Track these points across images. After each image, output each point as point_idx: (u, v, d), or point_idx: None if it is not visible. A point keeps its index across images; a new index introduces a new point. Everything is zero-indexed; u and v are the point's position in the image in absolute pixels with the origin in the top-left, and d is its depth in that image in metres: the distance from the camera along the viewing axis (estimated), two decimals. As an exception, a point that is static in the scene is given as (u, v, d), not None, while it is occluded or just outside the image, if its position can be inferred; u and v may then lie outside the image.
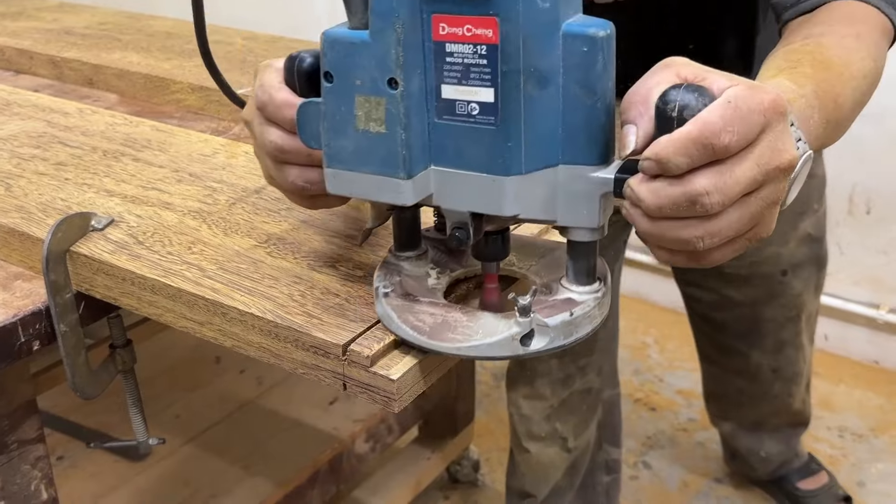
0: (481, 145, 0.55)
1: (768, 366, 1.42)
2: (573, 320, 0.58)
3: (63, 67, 1.35)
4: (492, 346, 0.58)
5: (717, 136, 0.49)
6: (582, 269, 0.60)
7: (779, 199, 0.53)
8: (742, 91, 0.51)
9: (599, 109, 0.54)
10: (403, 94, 0.54)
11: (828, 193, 2.00)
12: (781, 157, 0.52)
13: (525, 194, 0.56)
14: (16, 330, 0.73)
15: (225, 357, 1.67)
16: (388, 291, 0.63)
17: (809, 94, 0.64)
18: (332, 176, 0.59)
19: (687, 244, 0.52)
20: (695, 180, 0.50)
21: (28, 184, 0.88)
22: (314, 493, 1.37)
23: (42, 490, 0.87)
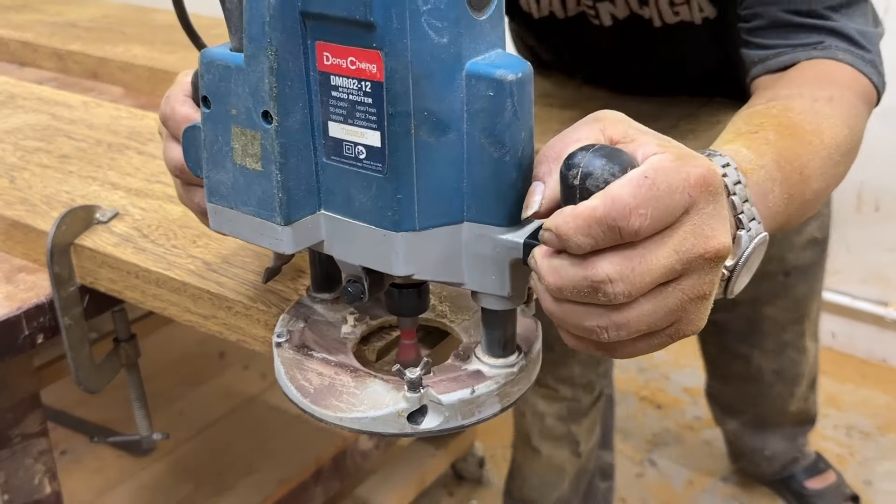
0: (369, 194, 0.48)
1: (769, 368, 1.41)
2: (474, 399, 0.50)
3: (67, 60, 1.34)
4: (375, 421, 0.50)
5: (626, 217, 0.41)
6: (495, 339, 0.52)
7: (706, 293, 0.44)
8: (665, 163, 0.42)
9: (509, 164, 0.46)
10: (278, 129, 0.47)
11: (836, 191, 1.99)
12: (707, 243, 0.43)
13: (420, 253, 0.48)
14: (19, 323, 0.72)
15: (229, 352, 1.66)
16: (280, 342, 0.56)
17: (770, 165, 0.57)
18: (214, 212, 0.52)
19: (590, 333, 0.45)
20: (598, 264, 0.42)
21: (32, 176, 0.88)
22: (318, 490, 1.36)
23: (45, 484, 0.87)
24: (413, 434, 0.51)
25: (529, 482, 1.34)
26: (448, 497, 1.71)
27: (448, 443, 1.63)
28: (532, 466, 1.33)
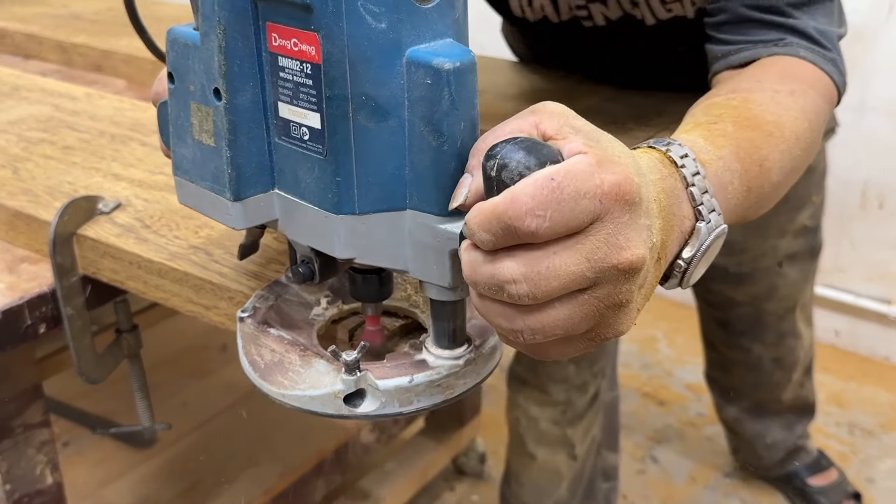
0: (313, 175, 0.48)
1: (769, 357, 1.43)
2: (412, 387, 0.50)
3: (71, 53, 1.34)
4: (313, 400, 0.50)
5: (521, 218, 0.40)
6: (441, 330, 0.51)
7: (623, 301, 0.43)
8: (579, 167, 0.41)
9: (447, 153, 0.46)
10: (227, 107, 0.48)
11: (840, 188, 1.99)
12: (620, 255, 0.41)
13: (361, 237, 0.48)
14: (22, 312, 0.72)
15: (231, 345, 1.67)
16: (244, 316, 0.57)
17: (728, 157, 0.56)
18: (179, 185, 0.54)
19: (509, 334, 0.44)
20: (503, 262, 0.41)
21: (35, 167, 0.88)
22: (319, 483, 1.36)
23: (47, 475, 0.87)
24: (349, 416, 0.51)
25: (526, 488, 1.32)
26: (449, 492, 1.71)
27: (449, 438, 1.63)
28: (528, 472, 1.31)
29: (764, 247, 1.29)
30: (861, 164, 1.97)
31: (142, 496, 1.31)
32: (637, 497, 1.69)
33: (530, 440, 1.30)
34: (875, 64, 1.89)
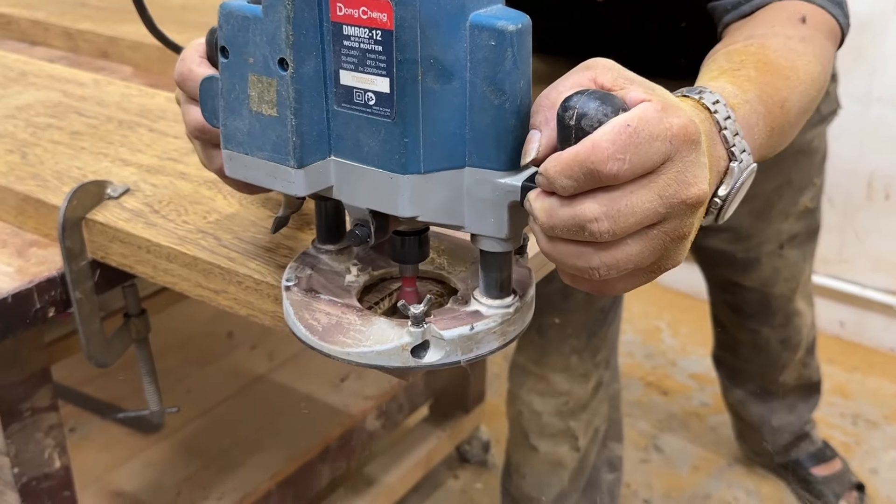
0: (378, 139, 0.51)
1: (776, 338, 1.44)
2: (473, 335, 0.53)
3: (77, 39, 1.34)
4: (380, 355, 0.53)
5: (604, 162, 0.44)
6: (492, 281, 0.55)
7: (686, 234, 0.48)
8: (648, 113, 0.45)
9: (508, 110, 0.49)
10: (294, 76, 0.50)
11: (846, 179, 1.98)
12: (689, 190, 0.46)
13: (425, 195, 0.51)
14: (31, 296, 0.73)
15: (237, 332, 1.67)
16: (290, 285, 0.59)
17: (754, 100, 0.60)
18: (229, 158, 0.54)
19: (583, 272, 0.48)
20: (583, 204, 0.45)
21: (44, 152, 0.88)
22: (325, 468, 1.37)
23: (55, 458, 0.88)
24: (415, 367, 0.53)
25: (528, 480, 1.32)
26: (453, 480, 1.72)
27: (454, 426, 1.63)
28: (530, 464, 1.31)
29: (768, 231, 1.30)
30: (867, 155, 1.97)
31: (148, 481, 1.32)
32: (640, 486, 1.70)
33: (533, 433, 1.30)
34: (882, 54, 1.88)
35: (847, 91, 1.87)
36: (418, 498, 1.65)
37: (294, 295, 0.58)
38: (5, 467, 0.85)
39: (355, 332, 0.55)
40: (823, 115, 1.25)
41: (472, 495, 1.69)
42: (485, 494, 1.68)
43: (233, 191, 0.79)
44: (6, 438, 0.83)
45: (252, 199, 0.77)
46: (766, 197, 1.26)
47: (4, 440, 0.83)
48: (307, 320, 0.56)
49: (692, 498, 1.67)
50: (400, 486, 1.53)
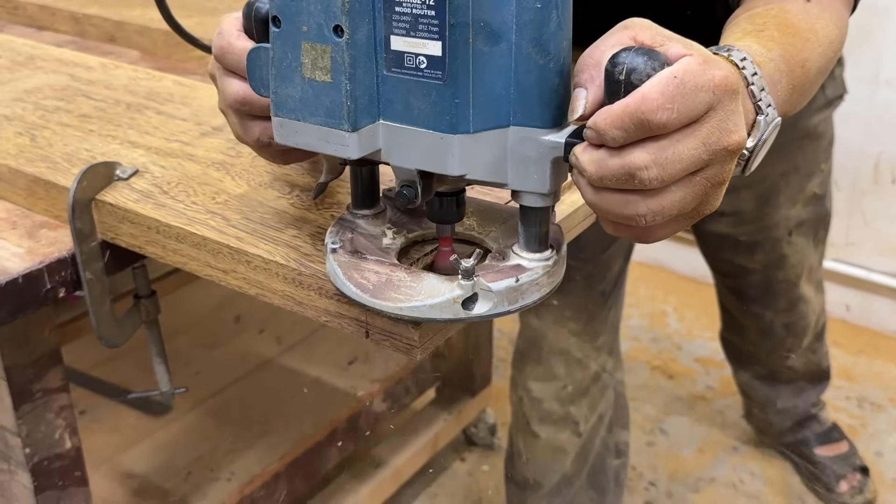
0: (429, 101, 0.53)
1: (781, 323, 1.44)
2: (519, 287, 0.57)
3: (85, 24, 1.34)
4: (433, 308, 0.56)
5: (654, 112, 0.47)
6: (532, 235, 0.58)
7: (725, 180, 0.51)
8: (691, 66, 0.48)
9: (552, 70, 0.52)
10: (349, 42, 0.52)
11: (853, 162, 1.98)
12: (730, 137, 0.49)
13: (473, 154, 0.54)
14: (42, 276, 0.74)
15: (244, 316, 1.68)
16: (335, 248, 0.61)
17: (777, 59, 0.62)
18: (279, 125, 0.56)
19: (629, 220, 0.51)
20: (634, 153, 0.48)
21: (53, 135, 0.89)
22: (332, 450, 1.38)
23: (66, 439, 0.89)
24: (466, 319, 0.56)
25: (530, 465, 1.33)
26: (460, 462, 1.73)
27: (460, 408, 1.64)
28: (532, 450, 1.32)
29: (776, 216, 1.29)
30: (874, 138, 1.96)
31: (158, 462, 1.33)
32: (646, 469, 1.71)
33: (533, 419, 1.30)
34: (889, 37, 1.88)
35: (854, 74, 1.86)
36: (425, 480, 1.66)
37: (340, 257, 0.60)
38: (17, 448, 0.86)
39: (406, 288, 0.57)
40: (829, 99, 1.25)
41: (479, 478, 1.70)
42: (491, 477, 1.69)
43: (241, 172, 0.79)
44: (18, 419, 0.84)
45: (260, 180, 0.78)
46: (772, 182, 1.25)
47: (16, 421, 0.84)
48: (357, 280, 0.58)
49: (697, 480, 1.68)
50: (407, 469, 1.54)
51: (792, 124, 1.20)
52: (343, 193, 0.75)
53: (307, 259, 0.65)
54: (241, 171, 0.80)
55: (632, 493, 1.64)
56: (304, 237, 0.68)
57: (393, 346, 0.61)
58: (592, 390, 1.29)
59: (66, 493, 0.90)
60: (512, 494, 1.38)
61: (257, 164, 0.81)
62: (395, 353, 0.61)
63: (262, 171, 0.79)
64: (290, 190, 0.76)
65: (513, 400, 1.35)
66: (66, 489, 0.90)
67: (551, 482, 1.32)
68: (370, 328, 0.61)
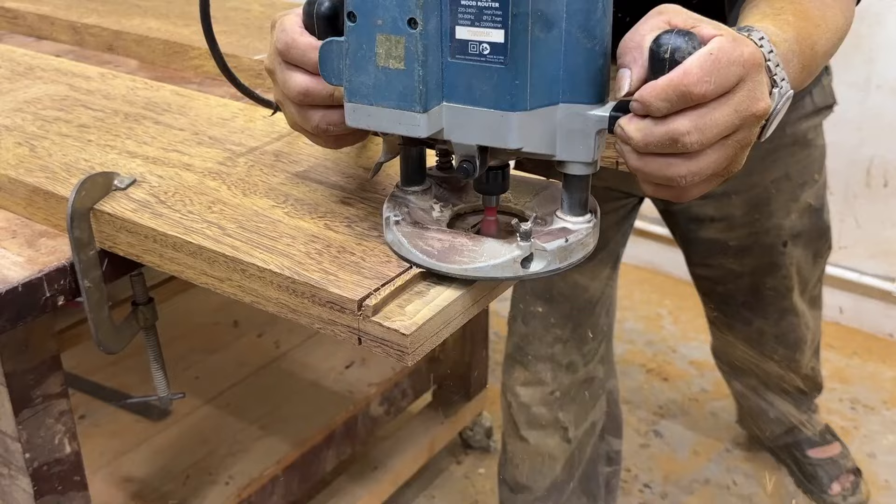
0: (491, 83, 0.60)
1: (771, 333, 1.43)
2: (568, 246, 0.64)
3: (83, 33, 1.36)
4: (495, 268, 0.63)
5: (695, 84, 0.55)
6: (576, 200, 0.66)
7: (750, 142, 0.60)
8: (724, 43, 0.56)
9: (598, 52, 0.59)
10: (422, 33, 0.58)
11: (845, 166, 2.00)
12: (757, 105, 0.57)
13: (528, 129, 0.61)
14: (41, 285, 0.75)
15: (242, 321, 1.69)
16: (398, 220, 0.67)
17: (791, 40, 0.69)
18: (352, 110, 0.62)
19: (671, 181, 0.59)
20: (676, 121, 0.56)
21: (52, 145, 0.90)
22: (330, 454, 1.39)
23: (66, 444, 0.90)
24: (524, 276, 0.64)
25: (521, 469, 1.34)
26: (456, 465, 1.74)
27: (456, 411, 1.66)
28: (522, 454, 1.33)
29: (767, 224, 1.30)
30: (866, 143, 1.98)
31: (157, 466, 1.34)
32: (641, 471, 1.72)
33: (522, 424, 1.31)
34: (881, 42, 1.89)
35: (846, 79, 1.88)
36: (421, 483, 1.67)
37: (404, 227, 0.67)
38: (17, 452, 0.87)
39: (469, 251, 0.64)
40: (818, 107, 1.26)
41: (475, 480, 1.71)
42: (487, 480, 1.71)
43: (237, 182, 0.81)
44: (18, 424, 0.85)
45: (255, 190, 0.79)
46: (763, 189, 1.26)
47: (16, 426, 0.85)
48: (422, 247, 0.65)
49: (692, 482, 1.69)
50: (403, 472, 1.56)
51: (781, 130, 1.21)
52: (334, 202, 0.77)
53: (301, 267, 0.66)
54: (236, 181, 0.81)
55: (626, 495, 1.66)
56: (298, 245, 0.69)
57: (385, 352, 0.62)
58: (581, 397, 1.30)
59: (66, 498, 0.91)
60: (505, 497, 1.39)
61: (253, 175, 0.83)
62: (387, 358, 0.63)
63: (258, 182, 0.81)
64: (284, 199, 0.77)
65: (502, 404, 1.36)
66: (66, 493, 0.91)
67: (541, 487, 1.33)
68: (362, 335, 0.63)
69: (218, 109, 1.00)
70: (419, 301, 0.63)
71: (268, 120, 0.96)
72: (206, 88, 1.14)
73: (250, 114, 0.98)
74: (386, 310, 0.62)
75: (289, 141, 0.91)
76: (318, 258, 0.68)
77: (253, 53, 1.17)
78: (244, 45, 1.23)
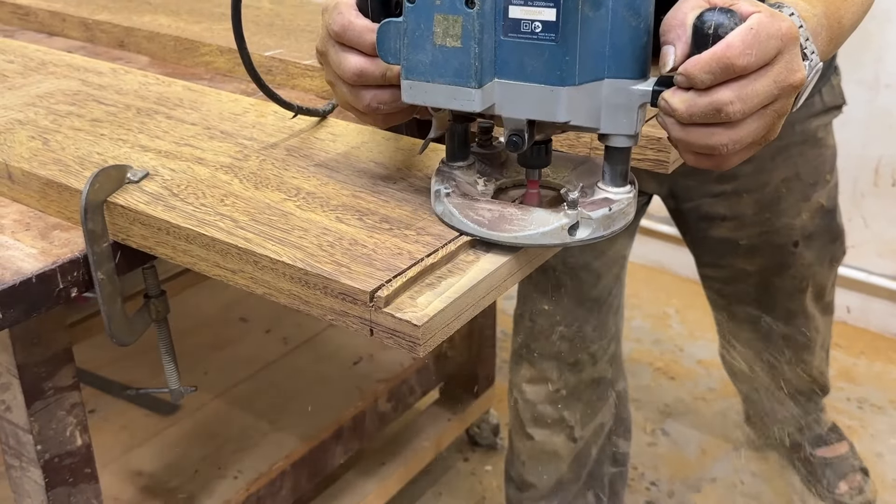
0: (542, 59, 0.63)
1: (779, 334, 1.42)
2: (611, 214, 0.68)
3: (94, 30, 1.37)
4: (544, 235, 0.66)
5: (738, 57, 0.58)
6: (618, 172, 0.69)
7: (787, 111, 0.63)
8: (763, 19, 0.59)
9: (642, 30, 0.63)
10: (479, 12, 0.62)
11: (853, 165, 1.99)
12: (794, 76, 0.61)
13: (576, 103, 0.64)
14: (55, 276, 0.75)
15: (251, 317, 1.70)
16: (448, 192, 0.71)
17: (820, 15, 0.74)
18: (409, 87, 0.65)
19: (713, 149, 0.62)
20: (720, 92, 0.59)
21: (65, 138, 0.91)
22: (338, 449, 1.40)
23: (77, 436, 0.91)
24: (571, 243, 0.67)
25: (527, 466, 1.35)
26: (463, 462, 1.75)
27: (464, 409, 1.66)
28: (528, 452, 1.34)
29: (777, 224, 1.30)
30: (875, 141, 1.98)
31: (166, 460, 1.35)
32: (648, 469, 1.72)
33: (528, 421, 1.32)
34: (889, 42, 1.89)
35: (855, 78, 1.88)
36: (428, 479, 1.68)
37: (454, 199, 0.70)
38: (29, 445, 0.88)
39: (518, 220, 0.68)
40: (827, 107, 1.26)
41: (481, 478, 1.72)
42: (493, 477, 1.71)
43: (248, 175, 0.81)
44: (30, 416, 0.86)
45: (267, 183, 0.80)
46: (773, 188, 1.26)
47: (28, 418, 0.86)
48: (473, 217, 0.68)
49: (699, 481, 1.69)
50: (411, 468, 1.56)
51: (790, 127, 1.22)
52: (346, 195, 0.77)
53: (313, 259, 0.67)
54: (248, 175, 0.82)
55: (633, 493, 1.66)
56: (310, 238, 0.70)
57: (396, 343, 0.62)
58: (588, 397, 1.30)
59: (77, 490, 0.92)
60: (511, 494, 1.39)
61: (264, 168, 0.83)
62: (399, 349, 0.63)
63: (269, 175, 0.82)
64: (296, 193, 0.78)
65: (509, 401, 1.36)
66: (77, 486, 0.92)
67: (547, 485, 1.33)
68: (374, 326, 0.63)
69: (229, 105, 1.00)
70: (430, 293, 0.64)
71: (279, 115, 0.97)
72: (216, 84, 1.15)
73: (261, 109, 0.99)
74: (397, 301, 0.63)
75: (300, 136, 0.91)
76: (330, 250, 0.68)
77: (263, 50, 1.18)
78: (255, 42, 1.23)
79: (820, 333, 1.46)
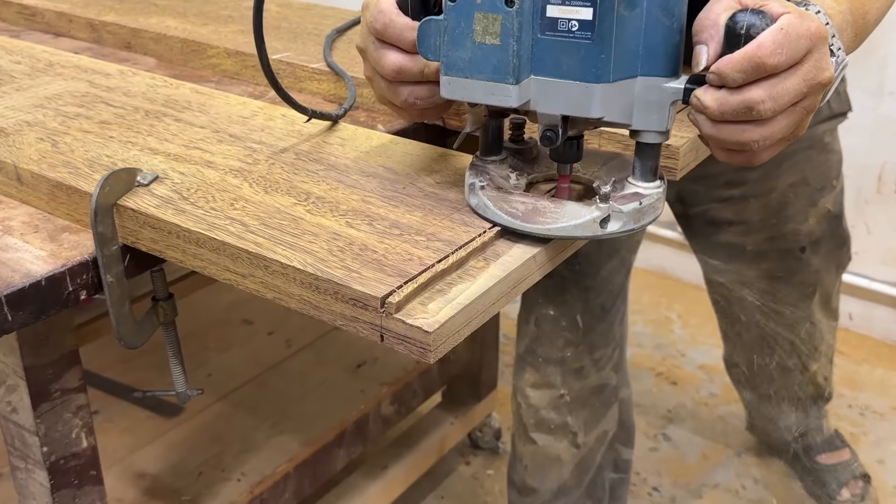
0: (577, 57, 0.65)
1: (784, 339, 1.42)
2: (641, 208, 0.70)
3: (101, 31, 1.37)
4: (577, 227, 0.68)
5: (769, 56, 0.60)
6: (648, 167, 0.71)
7: (815, 108, 0.65)
8: (793, 19, 0.61)
9: (675, 30, 0.65)
10: (518, 11, 0.63)
11: (857, 172, 2.00)
12: (823, 74, 0.63)
13: (609, 100, 0.66)
14: (64, 279, 0.75)
15: (255, 320, 1.70)
16: (483, 185, 0.73)
17: (845, 11, 0.76)
18: (448, 83, 0.68)
19: (745, 146, 0.65)
20: (752, 90, 0.62)
21: (74, 141, 0.91)
22: (341, 452, 1.40)
23: (83, 438, 0.91)
24: (602, 236, 0.69)
25: (529, 471, 1.35)
26: (465, 466, 1.75)
27: (466, 412, 1.66)
28: (530, 456, 1.34)
29: (784, 229, 1.30)
30: (878, 149, 1.98)
31: (170, 462, 1.35)
32: (649, 474, 1.72)
33: (531, 426, 1.32)
34: (894, 48, 1.89)
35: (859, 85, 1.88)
36: (430, 483, 1.68)
37: (489, 192, 0.72)
38: (34, 446, 0.88)
39: (551, 213, 0.70)
40: (834, 112, 1.26)
41: (483, 481, 1.72)
42: (496, 481, 1.71)
43: (258, 179, 0.81)
44: (36, 418, 0.86)
45: (276, 187, 0.80)
46: (780, 193, 1.26)
47: (34, 420, 0.86)
48: (507, 209, 0.71)
49: (700, 486, 1.70)
50: (413, 471, 1.56)
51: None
52: (356, 200, 0.77)
53: (323, 264, 0.67)
54: (258, 179, 0.82)
55: (635, 498, 1.66)
56: (321, 243, 0.70)
57: (407, 349, 0.62)
58: (592, 403, 1.30)
59: (82, 492, 0.92)
60: (513, 499, 1.39)
61: (274, 172, 0.83)
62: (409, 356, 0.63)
63: (279, 179, 0.82)
64: (305, 197, 0.78)
65: (513, 406, 1.36)
66: (82, 488, 0.92)
67: (549, 490, 1.33)
68: (385, 332, 0.63)
69: (237, 108, 1.00)
70: (441, 299, 0.64)
71: (287, 119, 0.97)
72: (224, 87, 1.15)
73: (270, 112, 0.99)
74: (408, 307, 0.63)
75: (309, 140, 0.91)
76: (341, 255, 0.68)
77: (271, 53, 1.17)
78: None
79: (824, 340, 1.45)
